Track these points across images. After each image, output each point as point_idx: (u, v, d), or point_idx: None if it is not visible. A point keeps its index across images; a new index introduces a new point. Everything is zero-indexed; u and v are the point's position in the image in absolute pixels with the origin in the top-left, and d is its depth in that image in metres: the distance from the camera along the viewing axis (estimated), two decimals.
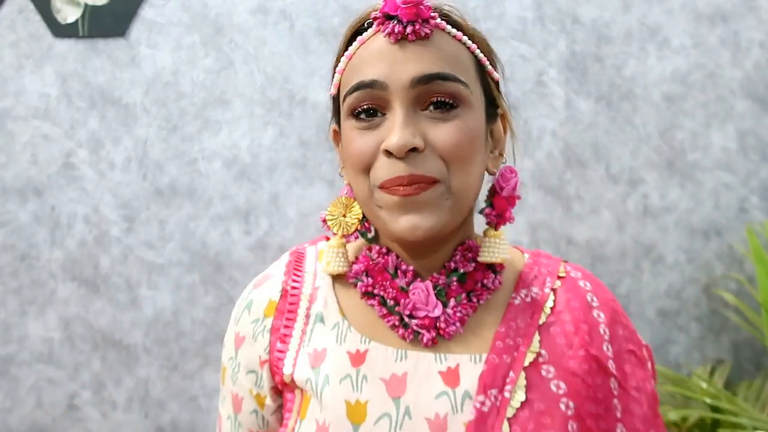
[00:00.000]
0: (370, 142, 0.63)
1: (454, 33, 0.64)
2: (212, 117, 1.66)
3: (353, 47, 0.65)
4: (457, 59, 0.64)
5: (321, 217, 0.71)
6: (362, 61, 0.64)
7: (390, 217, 0.63)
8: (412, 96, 0.62)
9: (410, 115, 0.62)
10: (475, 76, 0.65)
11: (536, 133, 1.73)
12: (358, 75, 0.63)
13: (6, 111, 1.62)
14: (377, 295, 0.68)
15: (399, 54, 0.62)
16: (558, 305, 0.71)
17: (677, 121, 1.76)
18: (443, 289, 0.67)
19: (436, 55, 0.62)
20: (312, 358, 0.67)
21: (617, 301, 0.76)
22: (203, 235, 1.67)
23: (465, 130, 0.62)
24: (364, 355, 0.66)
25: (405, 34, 0.62)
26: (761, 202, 1.79)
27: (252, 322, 0.72)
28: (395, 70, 0.61)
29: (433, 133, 0.62)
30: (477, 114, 0.65)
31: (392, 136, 0.60)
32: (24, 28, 1.61)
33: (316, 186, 1.69)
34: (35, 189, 1.64)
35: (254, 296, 0.73)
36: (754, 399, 1.61)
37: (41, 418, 1.65)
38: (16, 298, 1.64)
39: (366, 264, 0.70)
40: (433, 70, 0.61)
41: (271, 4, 1.66)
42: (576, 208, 1.75)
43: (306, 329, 0.69)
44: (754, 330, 1.66)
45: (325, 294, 0.71)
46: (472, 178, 0.65)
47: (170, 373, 1.67)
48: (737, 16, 1.75)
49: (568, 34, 1.73)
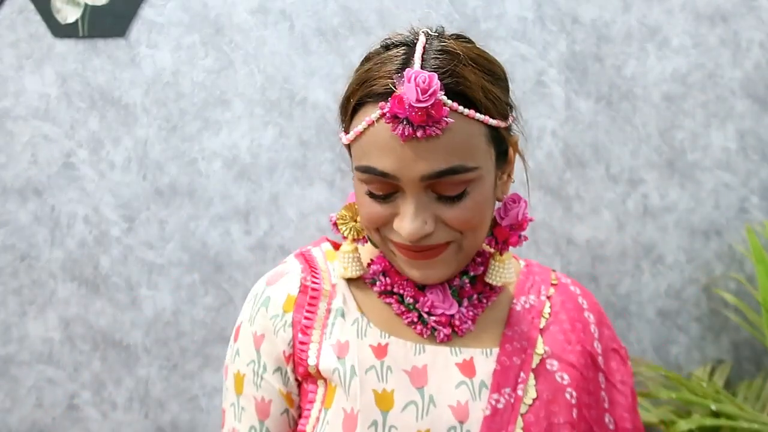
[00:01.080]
0: (382, 211, 0.65)
1: (467, 113, 0.61)
2: (212, 117, 1.66)
3: (362, 126, 0.62)
4: (467, 144, 0.62)
5: (331, 219, 0.73)
6: (371, 147, 0.62)
7: (404, 266, 0.68)
8: (424, 186, 0.62)
9: (422, 201, 0.63)
10: (487, 147, 0.64)
11: (536, 133, 1.73)
12: (368, 158, 0.63)
13: (6, 111, 1.62)
14: (395, 293, 0.72)
15: (409, 152, 0.60)
16: (554, 308, 0.76)
17: (677, 121, 1.76)
18: (457, 290, 0.72)
19: (446, 149, 0.61)
20: (336, 349, 0.69)
21: (600, 305, 0.83)
22: (203, 235, 1.67)
23: (476, 205, 0.64)
24: (385, 348, 0.69)
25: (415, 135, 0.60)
26: (761, 202, 1.79)
27: (271, 318, 0.73)
28: (405, 166, 0.61)
29: (445, 215, 0.64)
30: (487, 180, 0.65)
31: (404, 224, 0.63)
32: (24, 28, 1.61)
33: (316, 186, 1.69)
34: (35, 189, 1.64)
35: (270, 293, 0.74)
36: (754, 399, 1.61)
37: (41, 418, 1.65)
38: (16, 298, 1.64)
39: (383, 265, 0.72)
40: (442, 167, 0.61)
41: (271, 4, 1.66)
42: (576, 208, 1.75)
43: (327, 322, 0.71)
44: (754, 330, 1.66)
45: (343, 291, 0.73)
46: (483, 234, 0.68)
47: (170, 373, 1.67)
48: (737, 16, 1.75)
49: (568, 34, 1.73)
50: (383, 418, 0.65)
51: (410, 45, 0.64)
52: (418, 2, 1.68)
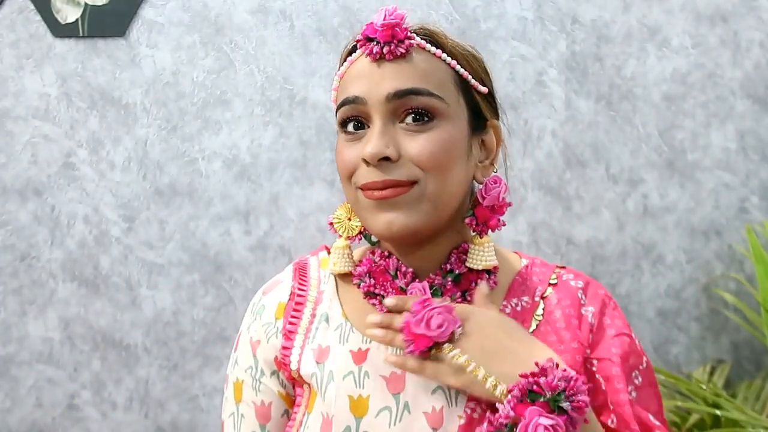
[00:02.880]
0: (353, 153, 0.68)
1: (434, 51, 0.69)
2: (212, 117, 1.66)
3: (344, 67, 0.71)
4: (433, 75, 0.68)
5: (328, 220, 0.76)
6: (349, 80, 0.70)
7: (370, 216, 0.68)
8: (389, 110, 0.67)
9: (388, 127, 0.67)
10: (455, 90, 0.69)
11: (536, 133, 1.73)
12: (345, 92, 0.70)
13: (6, 111, 1.62)
14: (378, 294, 0.72)
15: (377, 72, 0.67)
16: (548, 307, 0.74)
17: (677, 121, 1.76)
18: (439, 289, 0.71)
19: (411, 72, 0.67)
20: (317, 353, 0.71)
21: (612, 297, 0.79)
22: (203, 235, 1.67)
23: (440, 141, 0.67)
24: (365, 353, 0.70)
25: (382, 54, 0.67)
26: (761, 202, 1.79)
27: (264, 325, 0.76)
28: (373, 87, 0.67)
29: (408, 145, 0.66)
30: (457, 125, 0.69)
31: (367, 146, 0.66)
32: (24, 28, 1.61)
33: (316, 186, 1.69)
34: (35, 189, 1.64)
35: (265, 302, 0.77)
36: (754, 399, 1.61)
37: (41, 418, 1.65)
38: (16, 298, 1.64)
39: (369, 266, 0.74)
40: (406, 86, 0.66)
41: (271, 4, 1.66)
42: (576, 208, 1.75)
43: (311, 327, 0.73)
44: (754, 330, 1.66)
45: (329, 296, 0.75)
46: (450, 184, 0.68)
47: (170, 373, 1.67)
48: (737, 16, 1.75)
49: (568, 34, 1.73)
50: (356, 424, 0.66)
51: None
52: (418, 2, 1.68)
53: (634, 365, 0.73)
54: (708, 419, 1.51)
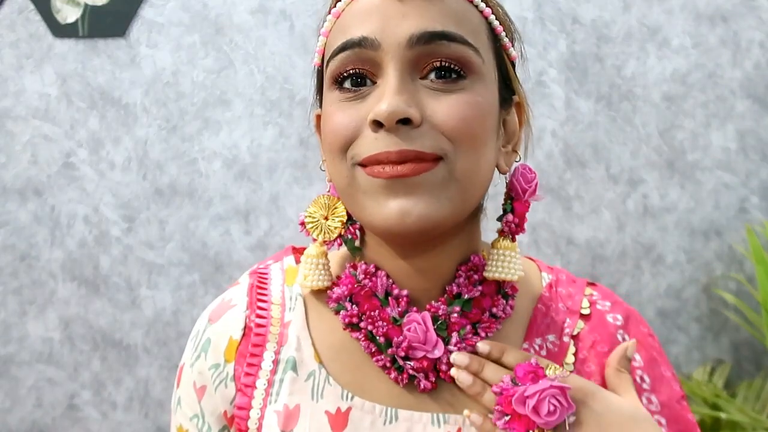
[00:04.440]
0: (353, 115, 0.50)
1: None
2: (212, 117, 1.66)
3: (342, 3, 0.52)
4: (467, 19, 0.50)
5: (299, 219, 0.59)
6: (351, 18, 0.51)
7: (373, 203, 0.49)
8: (410, 58, 0.49)
9: (407, 81, 0.49)
10: (488, 45, 0.52)
11: (536, 133, 1.73)
12: (344, 34, 0.51)
13: (6, 111, 1.62)
14: (363, 328, 0.55)
15: (395, 6, 0.49)
16: (581, 352, 0.57)
17: (677, 121, 1.76)
18: (444, 322, 0.54)
19: (440, 11, 0.49)
20: (282, 418, 0.54)
21: (655, 335, 0.62)
22: (203, 235, 1.67)
23: (474, 104, 0.49)
24: (346, 416, 0.53)
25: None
26: (761, 202, 1.79)
27: (210, 368, 0.58)
28: (390, 25, 0.49)
29: (434, 106, 0.49)
30: (490, 89, 0.52)
31: (381, 103, 0.47)
32: (24, 28, 1.61)
33: (316, 186, 1.69)
34: (35, 189, 1.64)
35: (211, 334, 0.59)
36: (754, 399, 1.61)
37: (41, 418, 1.65)
38: (16, 298, 1.64)
39: (350, 287, 0.56)
40: (436, 28, 0.48)
41: (271, 4, 1.66)
42: (576, 208, 1.75)
43: (273, 379, 0.56)
44: (754, 330, 1.66)
45: (297, 332, 0.57)
46: (483, 164, 0.51)
47: (170, 373, 1.67)
48: (737, 16, 1.75)
49: (568, 34, 1.73)
50: None
51: None
52: None
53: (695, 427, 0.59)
54: (708, 419, 1.51)
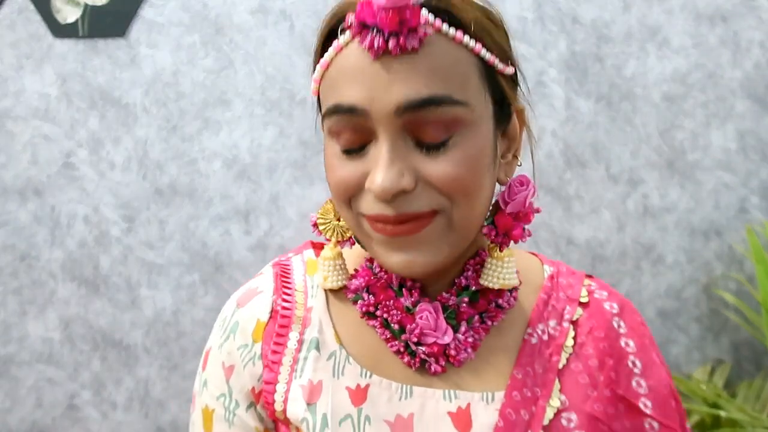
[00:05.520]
0: (353, 172, 0.53)
1: (453, 34, 0.51)
2: (212, 117, 1.66)
3: (329, 54, 0.54)
4: (455, 71, 0.51)
5: (311, 220, 0.63)
6: (339, 76, 0.52)
7: (381, 252, 0.54)
8: (400, 125, 0.50)
9: (398, 147, 0.51)
10: (479, 84, 0.53)
11: (536, 133, 1.72)
12: (335, 93, 0.53)
13: (6, 111, 1.62)
14: (380, 317, 0.60)
15: (381, 73, 0.49)
16: (579, 337, 0.62)
17: (677, 121, 1.76)
18: (454, 311, 0.59)
19: (427, 72, 0.49)
20: (306, 391, 0.59)
21: (646, 324, 0.66)
22: (203, 235, 1.67)
23: (466, 159, 0.51)
24: (365, 391, 0.58)
25: (387, 49, 0.49)
26: (761, 202, 1.79)
27: (239, 348, 0.62)
28: (378, 94, 0.50)
29: (427, 168, 0.51)
30: (482, 130, 0.53)
31: (375, 175, 0.50)
32: (24, 28, 1.61)
33: (316, 186, 1.69)
34: (35, 189, 1.64)
35: (239, 317, 0.63)
36: (754, 399, 1.61)
37: (41, 418, 1.65)
38: (16, 298, 1.64)
39: (367, 278, 0.61)
40: (422, 94, 0.49)
41: (271, 4, 1.66)
42: (576, 208, 1.75)
43: (298, 357, 0.60)
44: (754, 330, 1.66)
45: (319, 316, 0.62)
46: (479, 206, 0.54)
47: (170, 373, 1.67)
48: (737, 16, 1.75)
49: (568, 34, 1.73)
50: None
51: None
52: None
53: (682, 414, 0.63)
54: (708, 419, 1.51)
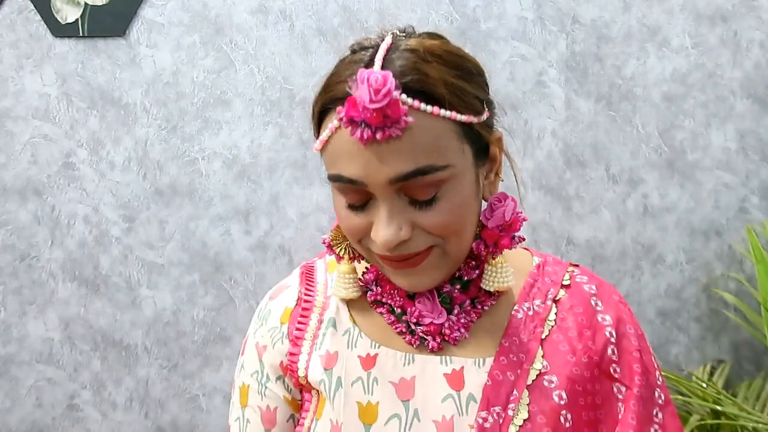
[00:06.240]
0: (360, 223, 0.63)
1: (430, 110, 0.58)
2: (212, 117, 1.66)
3: (324, 134, 0.61)
4: (435, 142, 0.59)
5: (324, 242, 0.72)
6: (337, 154, 0.60)
7: (390, 275, 0.66)
8: (394, 189, 0.60)
9: (394, 206, 0.60)
10: (458, 144, 0.61)
11: (536, 133, 1.73)
12: (335, 166, 0.61)
13: (6, 111, 1.62)
14: (386, 303, 0.71)
15: (372, 156, 0.58)
16: (561, 313, 0.71)
17: (677, 121, 1.76)
18: (448, 297, 0.69)
19: (411, 149, 0.58)
20: (324, 360, 0.70)
21: (626, 303, 0.75)
22: (203, 235, 1.67)
23: (453, 208, 0.61)
24: (374, 359, 0.69)
25: (375, 138, 0.57)
26: (761, 202, 1.79)
27: (270, 330, 0.75)
28: (371, 171, 0.58)
29: (420, 219, 0.61)
30: (465, 179, 0.62)
31: (379, 232, 0.60)
32: (24, 28, 1.61)
33: (316, 186, 1.69)
34: (35, 189, 1.64)
35: (271, 307, 0.76)
36: (754, 399, 1.61)
37: (41, 418, 1.65)
38: (16, 298, 1.64)
39: (376, 274, 0.72)
40: (409, 169, 0.58)
41: (271, 4, 1.66)
42: (576, 208, 1.75)
43: (318, 333, 0.72)
44: (754, 330, 1.66)
45: (337, 302, 0.74)
46: (468, 234, 0.65)
47: (170, 373, 1.67)
48: (737, 16, 1.75)
49: (568, 34, 1.73)
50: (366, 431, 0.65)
51: (377, 47, 0.61)
52: (418, 2, 1.68)
53: (653, 384, 0.70)
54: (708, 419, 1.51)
